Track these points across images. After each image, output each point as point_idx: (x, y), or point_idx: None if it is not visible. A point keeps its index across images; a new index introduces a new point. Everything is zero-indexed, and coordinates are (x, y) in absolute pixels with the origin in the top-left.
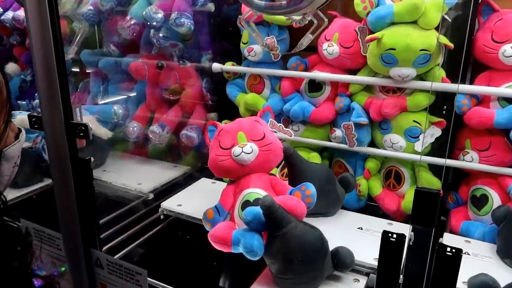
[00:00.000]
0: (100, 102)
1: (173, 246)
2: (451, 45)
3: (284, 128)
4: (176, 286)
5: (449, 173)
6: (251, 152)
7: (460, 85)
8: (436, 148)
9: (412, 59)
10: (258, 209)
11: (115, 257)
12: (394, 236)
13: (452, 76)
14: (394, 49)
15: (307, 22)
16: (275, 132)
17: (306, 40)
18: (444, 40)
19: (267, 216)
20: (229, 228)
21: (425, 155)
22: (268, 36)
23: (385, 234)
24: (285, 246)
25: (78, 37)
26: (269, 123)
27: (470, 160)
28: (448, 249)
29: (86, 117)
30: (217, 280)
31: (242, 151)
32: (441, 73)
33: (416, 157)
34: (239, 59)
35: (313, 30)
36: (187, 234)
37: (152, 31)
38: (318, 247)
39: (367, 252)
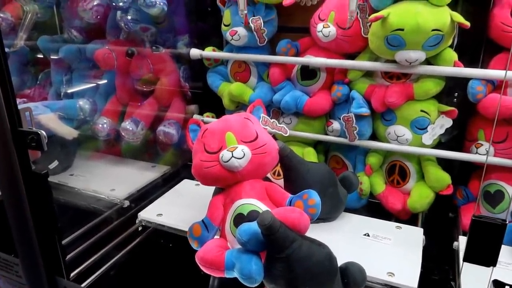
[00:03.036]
0: (64, 96)
1: (154, 263)
2: (467, 23)
3: (278, 125)
4: None
5: (456, 166)
6: (242, 157)
7: (476, 69)
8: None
9: (422, 41)
10: (254, 226)
11: (87, 281)
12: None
13: (465, 59)
14: (402, 30)
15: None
16: (267, 129)
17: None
18: (459, 18)
19: (267, 237)
20: (221, 248)
21: (433, 148)
22: (254, 16)
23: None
24: (289, 270)
25: (26, 22)
26: (261, 120)
27: (484, 153)
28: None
29: (47, 115)
30: None
31: (232, 156)
32: (453, 55)
33: (428, 151)
34: (220, 43)
35: None
36: (170, 248)
37: (119, 13)
38: (327, 268)
39: (378, 265)
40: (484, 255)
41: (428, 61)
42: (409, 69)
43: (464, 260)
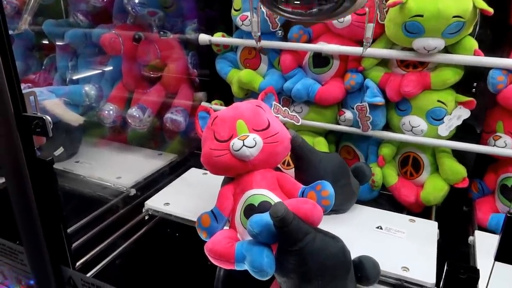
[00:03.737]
0: (69, 82)
1: (161, 252)
2: (490, 10)
3: (290, 113)
4: None
5: (472, 159)
6: (254, 146)
7: (497, 58)
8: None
9: (442, 28)
10: (266, 218)
11: (93, 270)
12: (464, 272)
13: (486, 48)
14: (422, 16)
15: None
16: (279, 117)
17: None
18: (482, 4)
19: (279, 229)
20: (231, 240)
21: (449, 139)
22: None
23: (451, 268)
24: (302, 264)
25: (31, 5)
26: (272, 107)
27: (503, 146)
28: None
29: (52, 100)
30: None
31: (244, 145)
32: (473, 44)
33: (444, 142)
34: (229, 29)
35: None
36: (177, 238)
37: None
38: (341, 262)
39: (392, 259)
40: None
41: (446, 49)
42: (427, 57)
43: (496, 259)
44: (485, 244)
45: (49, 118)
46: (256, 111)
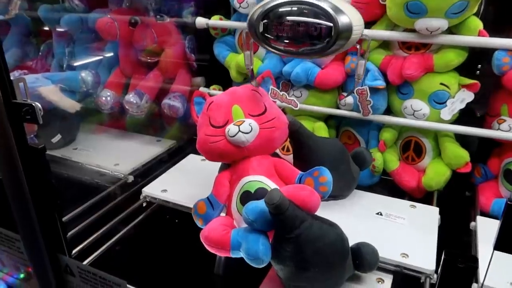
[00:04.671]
0: (66, 68)
1: (159, 240)
2: None
3: (288, 98)
4: None
5: (475, 143)
6: (250, 131)
7: (503, 39)
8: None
9: (446, 7)
10: (262, 205)
11: (90, 258)
12: (462, 261)
13: (491, 29)
14: None
15: None
16: (277, 102)
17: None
18: None
19: (275, 216)
20: (226, 227)
21: (451, 123)
22: None
23: (449, 257)
24: (298, 252)
25: None
26: (269, 92)
27: (507, 130)
28: None
29: (48, 87)
30: (212, 283)
31: (239, 130)
32: (478, 24)
33: (447, 126)
34: (227, 12)
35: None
36: (176, 224)
37: None
38: (339, 249)
39: (391, 246)
40: None
41: (450, 30)
42: (430, 38)
43: (496, 248)
44: (487, 230)
45: (39, 105)
46: (253, 96)
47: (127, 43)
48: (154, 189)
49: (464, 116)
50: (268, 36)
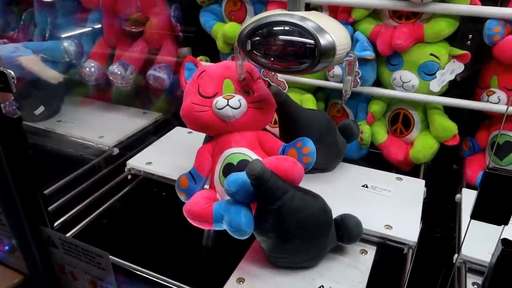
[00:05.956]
0: (48, 38)
1: (143, 212)
2: None
3: (278, 79)
4: (148, 265)
5: (464, 115)
6: (238, 107)
7: (494, 7)
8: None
9: None
10: (244, 176)
11: (73, 230)
12: (440, 230)
13: None
14: None
15: None
16: (268, 81)
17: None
18: None
19: (257, 187)
20: (209, 200)
21: (441, 95)
22: None
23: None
24: (280, 223)
25: None
26: (261, 71)
27: (496, 102)
28: None
29: (28, 57)
30: (198, 256)
31: (228, 104)
32: None
33: (436, 98)
34: None
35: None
36: (161, 197)
37: None
38: (321, 221)
39: (375, 218)
40: (496, 212)
41: None
42: (421, 7)
43: (472, 217)
44: (472, 202)
45: (12, 73)
46: (246, 75)
47: (111, 12)
48: (138, 162)
49: (453, 88)
50: (256, 53)
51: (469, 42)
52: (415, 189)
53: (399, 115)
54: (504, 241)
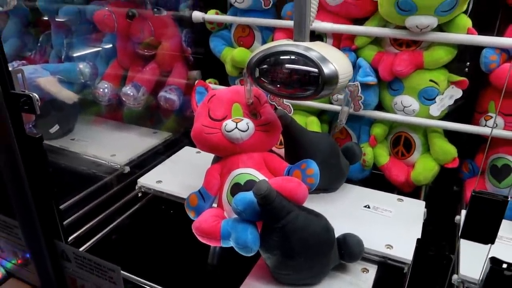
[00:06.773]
0: (65, 59)
1: (153, 229)
2: None
3: (284, 102)
4: (157, 281)
5: (464, 139)
6: (246, 130)
7: (490, 37)
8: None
9: (435, 5)
10: (250, 196)
11: (86, 245)
12: (434, 249)
13: (479, 27)
14: None
15: None
16: (274, 105)
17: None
18: None
19: (263, 206)
20: (217, 218)
21: (440, 119)
22: None
23: (496, 267)
24: (284, 241)
25: None
26: (268, 95)
27: (494, 126)
28: (505, 265)
29: (46, 78)
30: (205, 271)
31: (236, 127)
32: (467, 22)
33: (436, 122)
34: (224, 6)
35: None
36: (170, 214)
37: None
38: (324, 240)
39: (376, 237)
40: (483, 232)
41: (440, 28)
42: (420, 36)
43: (461, 236)
44: None
45: (36, 96)
46: (254, 100)
47: (125, 36)
48: (149, 180)
49: (453, 113)
50: (264, 80)
51: (466, 69)
52: (415, 210)
53: (401, 138)
54: (492, 260)
